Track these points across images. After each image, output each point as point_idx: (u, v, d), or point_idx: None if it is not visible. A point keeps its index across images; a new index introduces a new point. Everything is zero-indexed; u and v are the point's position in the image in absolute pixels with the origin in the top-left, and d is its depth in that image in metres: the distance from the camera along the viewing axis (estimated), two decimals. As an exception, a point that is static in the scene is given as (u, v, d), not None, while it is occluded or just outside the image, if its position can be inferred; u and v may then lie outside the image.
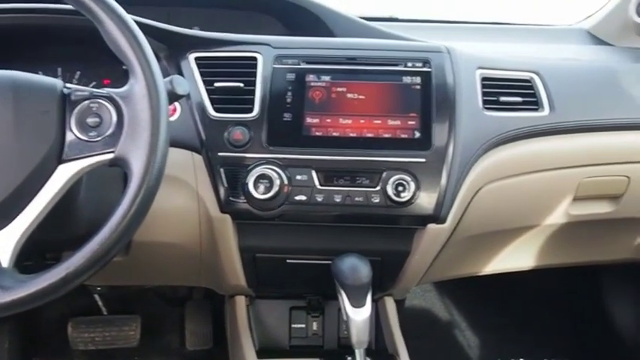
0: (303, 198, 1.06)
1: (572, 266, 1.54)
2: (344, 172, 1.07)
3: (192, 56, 1.11)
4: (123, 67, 0.84)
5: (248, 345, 1.21)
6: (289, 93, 1.09)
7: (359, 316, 1.07)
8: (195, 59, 1.11)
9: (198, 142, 1.08)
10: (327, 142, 1.08)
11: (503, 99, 1.17)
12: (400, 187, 1.06)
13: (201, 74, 1.10)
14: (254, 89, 1.09)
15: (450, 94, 1.10)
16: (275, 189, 1.05)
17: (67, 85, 0.85)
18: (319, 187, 1.07)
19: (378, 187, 1.07)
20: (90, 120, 0.82)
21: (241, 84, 1.09)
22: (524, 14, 1.74)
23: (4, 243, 0.79)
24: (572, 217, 1.30)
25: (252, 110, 1.08)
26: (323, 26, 1.33)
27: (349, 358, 1.13)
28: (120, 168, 0.82)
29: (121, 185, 1.04)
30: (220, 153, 1.07)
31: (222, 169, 1.07)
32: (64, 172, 0.81)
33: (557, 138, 1.19)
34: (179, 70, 1.10)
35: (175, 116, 1.09)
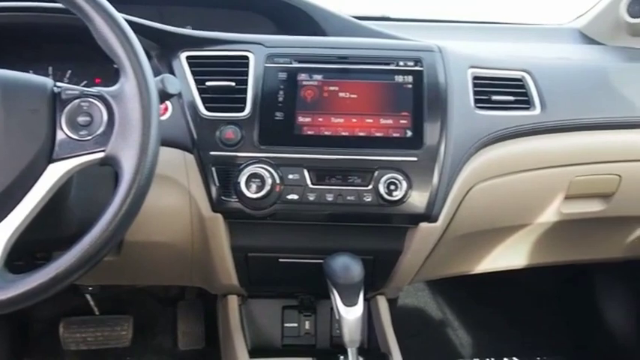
0: (295, 197, 1.06)
1: (564, 264, 1.55)
2: (336, 171, 1.07)
3: (183, 55, 1.11)
4: (114, 66, 0.83)
5: (240, 344, 1.21)
6: (281, 92, 1.09)
7: (351, 315, 1.07)
8: (187, 58, 1.11)
9: (189, 141, 1.08)
10: (319, 141, 1.08)
11: (494, 98, 1.17)
12: (392, 186, 1.06)
13: (193, 73, 1.10)
14: (246, 88, 1.09)
15: (442, 93, 1.10)
16: (267, 188, 1.04)
17: (58, 84, 0.85)
18: (311, 186, 1.07)
19: (370, 186, 1.07)
20: (80, 119, 0.82)
21: (233, 83, 1.09)
22: (516, 13, 1.75)
23: (-6, 242, 0.79)
24: (563, 216, 1.30)
25: (243, 109, 1.08)
26: (315, 25, 1.33)
27: (342, 357, 1.14)
28: (111, 167, 0.81)
29: (112, 185, 1.03)
30: (212, 152, 1.07)
31: (213, 168, 1.07)
32: (54, 172, 0.81)
33: (549, 137, 1.20)
34: (170, 69, 1.10)
35: (167, 115, 1.09)
